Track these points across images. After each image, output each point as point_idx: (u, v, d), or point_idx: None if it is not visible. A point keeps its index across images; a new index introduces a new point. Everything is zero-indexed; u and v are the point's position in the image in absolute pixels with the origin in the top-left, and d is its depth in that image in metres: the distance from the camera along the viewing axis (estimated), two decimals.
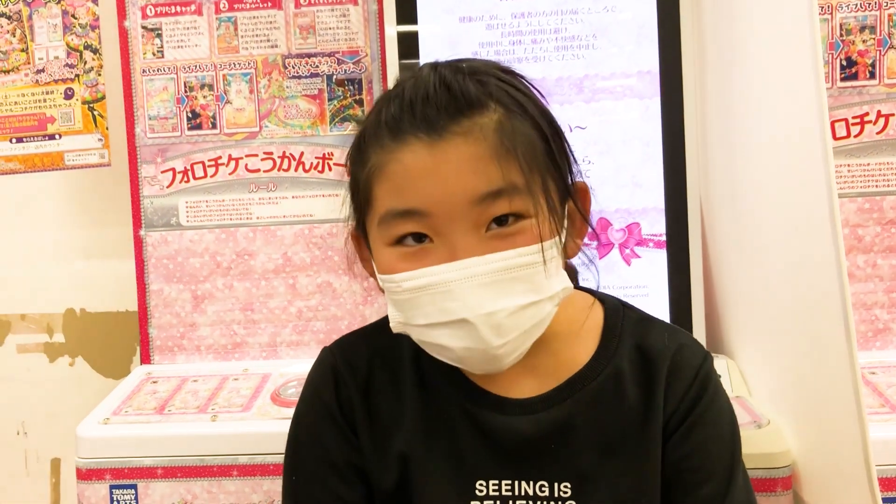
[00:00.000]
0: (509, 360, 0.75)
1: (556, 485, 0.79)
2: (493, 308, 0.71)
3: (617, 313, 0.85)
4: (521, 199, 0.72)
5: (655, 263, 1.35)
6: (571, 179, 0.80)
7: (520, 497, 0.79)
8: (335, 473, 0.83)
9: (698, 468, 0.79)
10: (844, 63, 1.30)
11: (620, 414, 0.80)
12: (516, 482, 0.80)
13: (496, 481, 0.80)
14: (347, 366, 0.85)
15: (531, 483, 0.79)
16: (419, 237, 0.73)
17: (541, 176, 0.74)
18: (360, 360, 0.86)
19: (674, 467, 0.80)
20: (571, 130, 1.36)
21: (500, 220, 0.72)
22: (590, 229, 0.82)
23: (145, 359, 1.47)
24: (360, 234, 0.82)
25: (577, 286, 0.88)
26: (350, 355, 0.86)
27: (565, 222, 0.77)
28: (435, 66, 0.76)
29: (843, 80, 1.30)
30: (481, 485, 0.80)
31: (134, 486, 1.17)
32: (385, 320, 0.89)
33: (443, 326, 0.73)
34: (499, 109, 0.74)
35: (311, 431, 0.85)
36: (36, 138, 1.50)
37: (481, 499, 0.80)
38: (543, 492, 0.79)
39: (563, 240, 0.77)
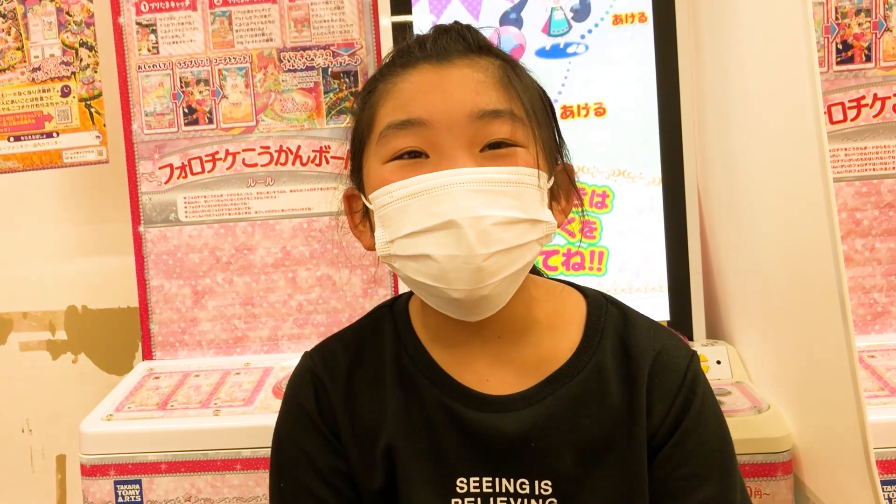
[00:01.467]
0: (491, 283, 0.73)
1: (536, 482, 0.78)
2: (481, 213, 0.71)
3: (600, 307, 0.84)
4: (520, 128, 0.75)
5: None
6: (561, 155, 0.82)
7: (500, 494, 0.79)
8: (319, 479, 0.82)
9: (693, 474, 0.78)
10: (840, 47, 1.30)
11: (603, 414, 0.79)
12: (496, 479, 0.79)
13: (476, 478, 0.79)
14: (327, 370, 0.85)
15: (511, 480, 0.79)
16: (415, 155, 0.75)
17: (538, 121, 0.77)
18: (340, 363, 0.85)
19: (668, 475, 0.79)
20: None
21: (495, 147, 0.74)
22: (576, 202, 0.83)
23: (147, 355, 1.47)
24: (354, 190, 0.83)
25: (559, 280, 0.89)
26: (330, 359, 0.86)
27: (551, 191, 0.79)
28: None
29: (839, 63, 1.30)
30: (462, 482, 0.80)
31: (138, 482, 1.18)
32: (366, 319, 0.89)
33: (429, 233, 0.72)
34: (505, 62, 0.78)
35: (293, 439, 0.85)
36: (34, 136, 1.50)
37: (462, 496, 0.80)
38: (524, 489, 0.79)
39: (551, 185, 0.78)
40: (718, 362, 1.25)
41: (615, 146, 1.37)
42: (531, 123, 0.76)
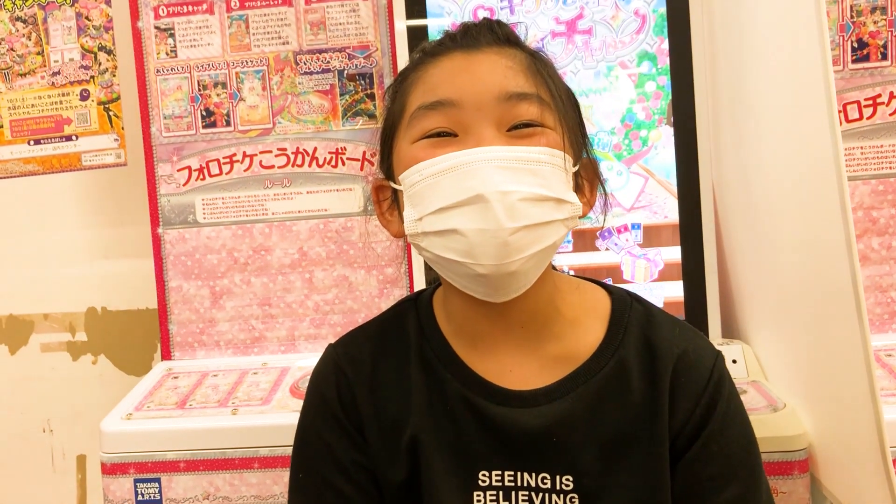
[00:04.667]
0: (518, 259, 0.74)
1: (557, 477, 0.79)
2: (509, 188, 0.73)
3: (624, 304, 0.85)
4: (547, 111, 0.77)
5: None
6: (586, 149, 0.83)
7: (522, 488, 0.80)
8: (340, 472, 0.83)
9: (719, 475, 0.79)
10: (856, 45, 1.30)
11: (625, 411, 0.79)
12: (518, 473, 0.80)
13: (499, 472, 0.80)
14: (351, 363, 0.86)
15: (533, 475, 0.80)
16: (444, 135, 0.77)
17: (564, 107, 0.79)
18: (364, 355, 0.86)
19: (694, 476, 0.79)
20: None
21: (522, 127, 0.76)
22: (603, 198, 0.84)
23: (166, 355, 1.49)
24: (383, 181, 0.84)
25: (583, 277, 0.89)
26: (354, 351, 0.87)
27: (575, 180, 0.80)
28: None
29: (854, 61, 1.30)
30: (484, 475, 0.80)
31: (157, 480, 1.19)
32: (390, 312, 0.90)
33: (458, 208, 0.74)
34: (532, 54, 0.81)
35: (315, 431, 0.86)
36: (53, 140, 1.52)
37: (484, 489, 0.80)
38: (545, 483, 0.79)
39: (575, 171, 0.79)
40: (734, 361, 1.25)
41: None
42: (558, 108, 0.78)
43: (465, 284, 0.78)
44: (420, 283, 1.38)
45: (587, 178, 0.83)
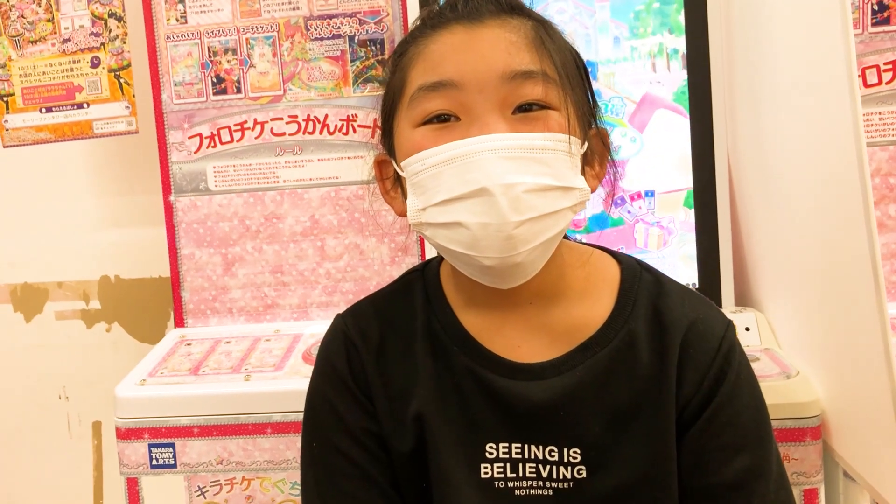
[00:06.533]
0: (524, 251, 0.73)
1: (565, 450, 0.79)
2: (513, 180, 0.71)
3: (634, 273, 0.84)
4: (552, 89, 0.74)
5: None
6: (595, 119, 0.81)
7: (529, 460, 0.80)
8: (352, 440, 0.83)
9: (728, 445, 0.78)
10: (876, 7, 1.27)
11: (633, 382, 0.79)
12: (525, 445, 0.80)
13: (506, 444, 0.80)
14: (360, 333, 0.86)
15: (540, 447, 0.79)
16: (446, 118, 0.74)
17: (570, 83, 0.76)
18: (372, 326, 0.86)
19: (703, 446, 0.78)
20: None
21: (527, 109, 0.74)
22: (612, 169, 0.82)
23: (179, 322, 1.50)
24: (386, 156, 0.83)
25: (591, 245, 0.88)
26: (362, 322, 0.86)
27: (584, 156, 0.78)
28: None
29: (874, 24, 1.27)
30: (491, 447, 0.80)
31: (172, 445, 1.20)
32: (398, 283, 0.90)
33: (461, 201, 0.72)
34: (538, 23, 0.78)
35: (325, 400, 0.85)
36: (65, 107, 1.52)
37: (491, 461, 0.80)
38: (553, 456, 0.79)
39: (584, 150, 0.77)
40: (747, 329, 1.24)
41: None
42: (563, 85, 0.75)
43: (471, 273, 0.78)
44: (431, 251, 1.38)
45: (596, 152, 0.81)
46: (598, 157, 0.81)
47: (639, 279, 0.83)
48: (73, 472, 1.85)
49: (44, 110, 1.52)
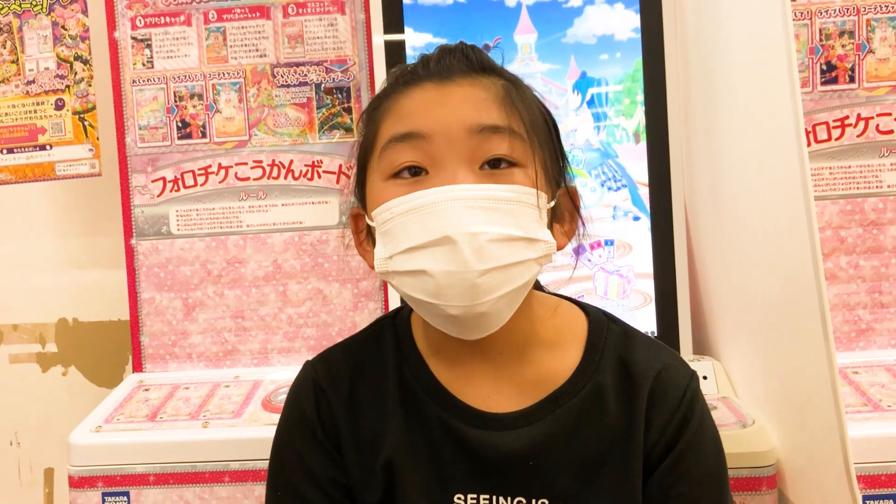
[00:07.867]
0: (488, 300, 0.73)
1: (533, 500, 0.79)
2: (477, 230, 0.71)
3: (601, 325, 0.85)
4: (520, 145, 0.76)
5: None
6: (564, 177, 0.82)
7: None
8: (318, 490, 0.83)
9: (686, 494, 0.79)
10: (825, 67, 1.32)
11: (601, 432, 0.80)
12: (494, 496, 0.80)
13: (474, 495, 0.80)
14: (329, 380, 0.85)
15: (509, 498, 0.79)
16: (416, 172, 0.76)
17: (539, 140, 0.77)
18: (342, 374, 0.86)
19: (663, 494, 0.79)
20: None
21: (495, 165, 0.75)
22: (580, 227, 0.83)
23: (137, 367, 1.47)
24: (360, 209, 0.83)
25: (558, 295, 0.90)
26: (333, 369, 0.86)
27: (553, 212, 0.79)
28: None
29: (823, 84, 1.32)
30: (459, 498, 0.80)
31: (126, 494, 1.18)
32: (369, 330, 0.90)
33: (426, 249, 0.73)
34: (508, 82, 0.80)
35: (293, 448, 0.85)
36: (27, 149, 1.51)
37: None
38: None
39: (552, 207, 0.78)
40: (705, 377, 1.26)
41: None
42: (531, 142, 0.76)
43: (437, 322, 0.78)
44: (394, 297, 1.38)
45: (566, 209, 0.82)
46: (567, 214, 0.82)
47: (606, 331, 0.84)
48: None
49: (5, 151, 1.51)
